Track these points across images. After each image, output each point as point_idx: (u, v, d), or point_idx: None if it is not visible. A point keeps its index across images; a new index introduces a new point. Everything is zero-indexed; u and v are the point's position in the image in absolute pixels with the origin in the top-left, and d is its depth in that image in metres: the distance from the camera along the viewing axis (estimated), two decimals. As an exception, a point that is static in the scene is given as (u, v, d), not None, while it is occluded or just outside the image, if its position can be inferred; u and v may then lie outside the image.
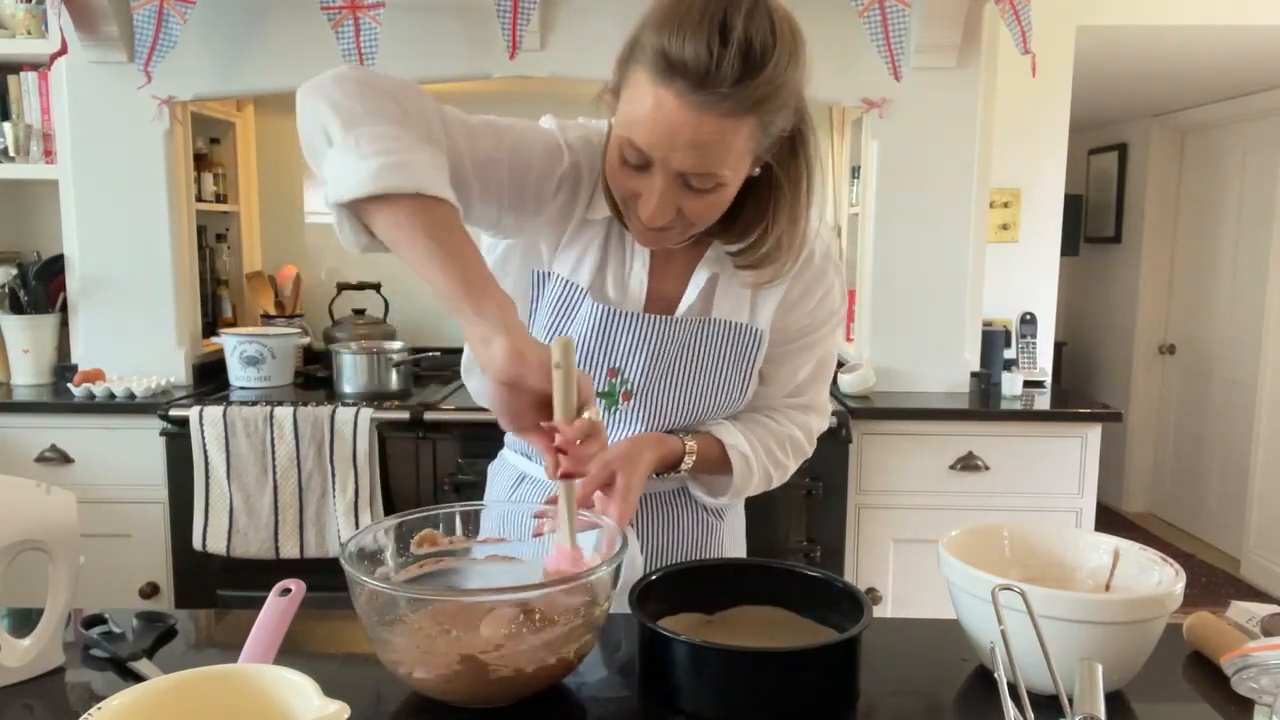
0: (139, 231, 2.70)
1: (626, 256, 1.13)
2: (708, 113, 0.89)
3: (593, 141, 1.10)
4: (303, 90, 0.91)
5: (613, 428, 1.16)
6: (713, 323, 1.14)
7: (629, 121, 0.93)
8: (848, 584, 1.00)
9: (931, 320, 2.78)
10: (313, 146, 0.91)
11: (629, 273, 1.13)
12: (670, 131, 0.91)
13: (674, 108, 0.89)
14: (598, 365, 1.13)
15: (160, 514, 2.52)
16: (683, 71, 0.88)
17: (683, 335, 1.13)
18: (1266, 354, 4.14)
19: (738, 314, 1.15)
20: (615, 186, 1.01)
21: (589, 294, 1.12)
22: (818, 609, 1.01)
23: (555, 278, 1.13)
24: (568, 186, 1.08)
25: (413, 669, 0.88)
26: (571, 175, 1.08)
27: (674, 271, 1.15)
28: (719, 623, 1.02)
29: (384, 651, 0.89)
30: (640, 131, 0.92)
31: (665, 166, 0.94)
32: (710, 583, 1.05)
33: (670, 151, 0.92)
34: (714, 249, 1.12)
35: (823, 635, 0.98)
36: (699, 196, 0.97)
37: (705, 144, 0.91)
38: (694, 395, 1.15)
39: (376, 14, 2.41)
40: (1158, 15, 2.98)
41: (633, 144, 0.94)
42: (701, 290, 1.13)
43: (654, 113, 0.90)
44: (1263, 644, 0.84)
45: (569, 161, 1.07)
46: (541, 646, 0.87)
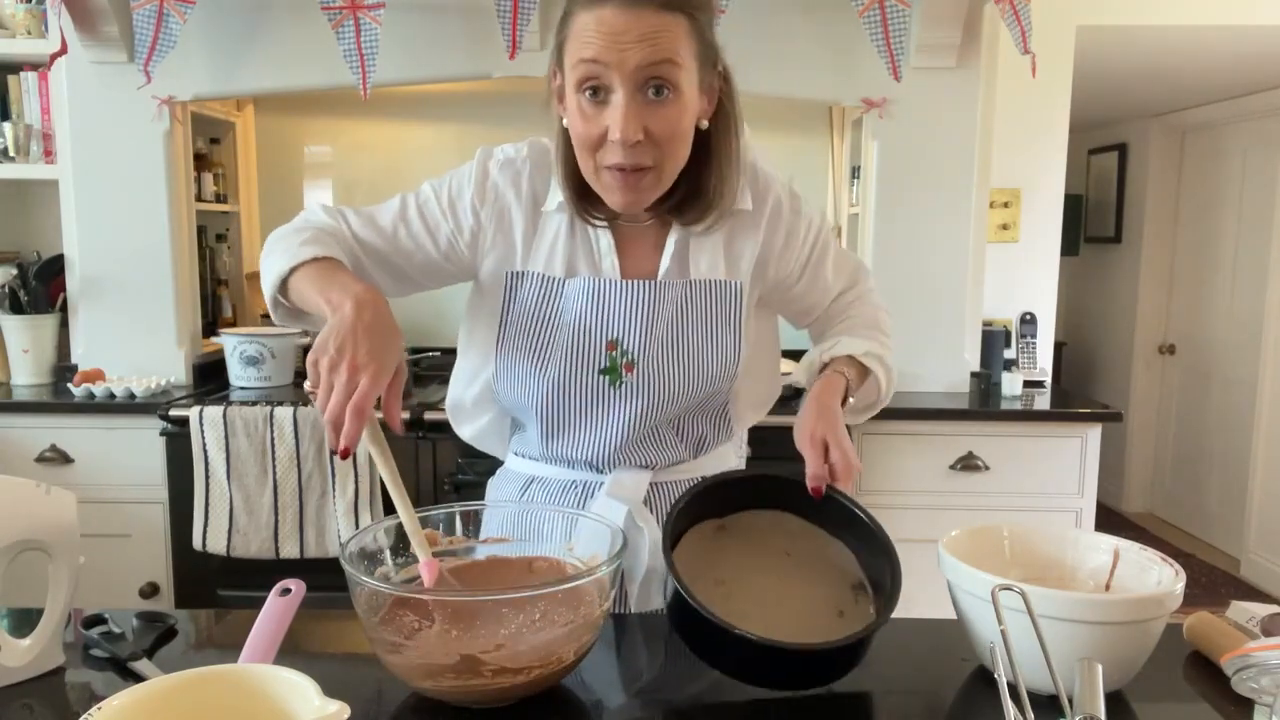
0: (139, 231, 2.70)
1: (591, 240, 1.15)
2: (644, 9, 0.98)
3: (539, 142, 1.18)
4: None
5: (618, 404, 1.16)
6: (694, 284, 1.16)
7: (579, 49, 1.00)
8: (862, 508, 1.05)
9: (931, 320, 2.78)
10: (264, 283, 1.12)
11: (599, 255, 1.15)
12: (616, 34, 0.98)
13: (613, 14, 0.98)
14: (595, 340, 1.14)
15: (160, 514, 2.52)
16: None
17: (669, 298, 1.15)
18: (1266, 354, 4.14)
19: (715, 271, 1.17)
20: (583, 144, 1.04)
21: (568, 280, 1.15)
22: (830, 522, 1.06)
23: (531, 275, 1.16)
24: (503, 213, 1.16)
25: (412, 669, 0.88)
26: (503, 198, 1.15)
27: (643, 252, 1.17)
28: (730, 529, 1.05)
29: (383, 651, 0.89)
30: (589, 47, 0.99)
31: (623, 69, 0.99)
32: (727, 492, 1.08)
33: (622, 53, 0.99)
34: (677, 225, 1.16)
35: (832, 547, 1.05)
36: (661, 111, 1.01)
37: (650, 34, 0.99)
38: (692, 357, 1.16)
39: (376, 14, 2.41)
40: (1158, 15, 2.97)
41: (590, 62, 1.00)
42: (674, 255, 1.15)
43: (598, 26, 0.99)
44: (1263, 644, 0.84)
45: (489, 199, 1.15)
46: (541, 646, 0.87)
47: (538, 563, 1.07)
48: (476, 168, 1.17)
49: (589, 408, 1.16)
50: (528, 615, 0.91)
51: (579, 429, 1.17)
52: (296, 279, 1.05)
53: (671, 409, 1.17)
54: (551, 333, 1.15)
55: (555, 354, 1.14)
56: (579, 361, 1.14)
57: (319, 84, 2.68)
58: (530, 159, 1.16)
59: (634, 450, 1.18)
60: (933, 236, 2.75)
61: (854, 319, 1.29)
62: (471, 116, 3.11)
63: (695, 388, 1.17)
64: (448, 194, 1.17)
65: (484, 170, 1.16)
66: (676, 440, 1.20)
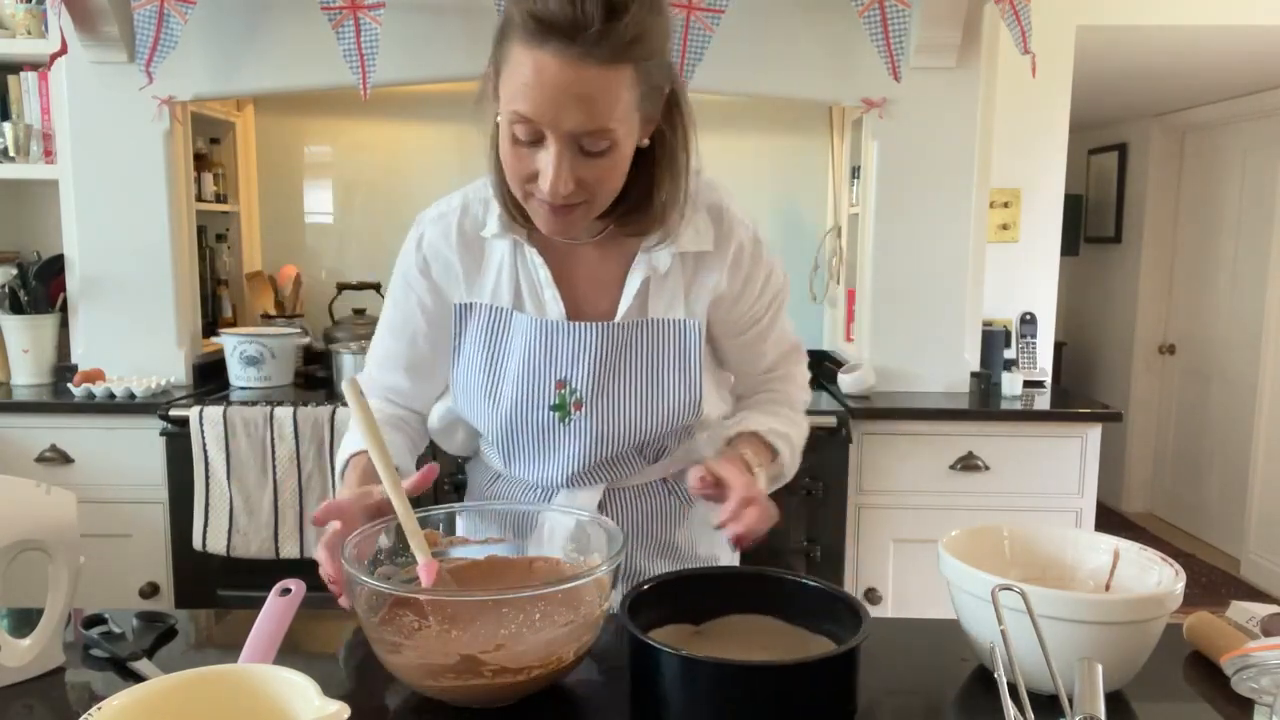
0: (139, 231, 2.70)
1: (531, 271, 1.14)
2: (585, 63, 0.91)
3: (475, 184, 1.17)
4: None
5: (570, 438, 1.15)
6: (650, 323, 1.15)
7: (513, 95, 0.95)
8: (841, 591, 0.98)
9: (931, 320, 2.78)
10: None
11: (539, 287, 1.14)
12: (554, 90, 0.92)
13: (553, 66, 0.91)
14: (543, 379, 1.13)
15: (160, 514, 2.52)
16: (553, 28, 0.90)
17: (622, 338, 1.13)
18: (1266, 354, 4.14)
19: (673, 310, 1.15)
20: (513, 175, 1.01)
21: (515, 311, 1.14)
22: (811, 617, 0.99)
23: (479, 306, 1.16)
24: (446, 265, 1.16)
25: (413, 669, 0.88)
26: (440, 254, 1.16)
27: (593, 279, 1.15)
28: (707, 633, 1.00)
29: (384, 651, 0.89)
30: (526, 100, 0.93)
31: (557, 130, 0.94)
32: (699, 592, 1.02)
33: (559, 111, 0.93)
34: (640, 255, 1.13)
35: (814, 644, 0.97)
36: (595, 161, 0.97)
37: (590, 96, 0.93)
38: (647, 397, 1.15)
39: (376, 14, 2.41)
40: (1158, 15, 2.97)
41: (522, 116, 0.94)
42: (636, 294, 1.13)
43: (536, 76, 0.92)
44: (1263, 644, 0.84)
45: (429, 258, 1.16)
46: (541, 646, 0.87)
47: (538, 563, 1.07)
48: (412, 237, 1.18)
49: (541, 441, 1.16)
50: (528, 615, 0.91)
51: (533, 458, 1.18)
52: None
53: (629, 444, 1.16)
54: (502, 367, 1.14)
55: (506, 389, 1.14)
56: (529, 397, 1.13)
57: (319, 84, 2.68)
58: (462, 205, 1.16)
59: (589, 473, 1.18)
60: (933, 236, 2.75)
61: (772, 394, 1.27)
62: (471, 116, 3.09)
63: (652, 426, 1.16)
64: (401, 277, 1.20)
65: (418, 235, 1.18)
66: (635, 457, 1.20)
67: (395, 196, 3.17)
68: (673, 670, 0.85)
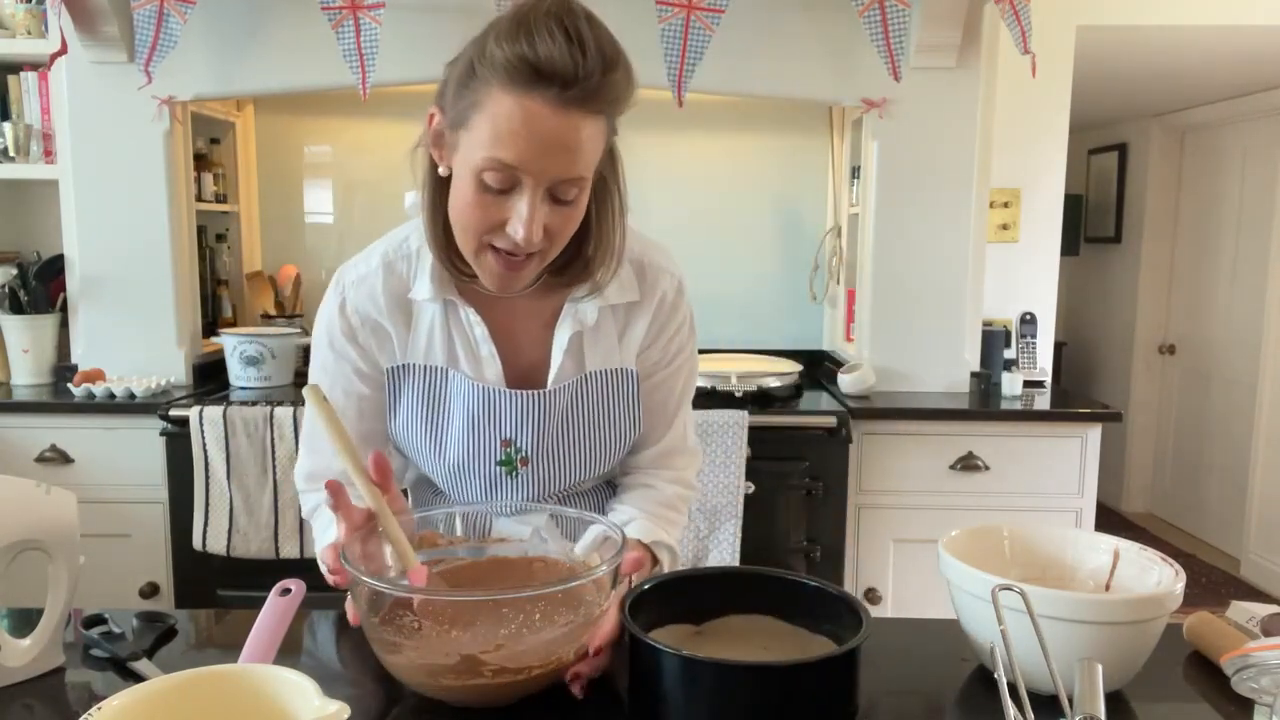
0: (139, 231, 2.70)
1: (466, 329, 1.12)
2: (574, 112, 0.91)
3: (389, 239, 1.14)
4: None
5: (516, 491, 1.16)
6: (589, 377, 1.14)
7: (491, 141, 0.91)
8: (841, 591, 0.98)
9: (931, 320, 2.78)
10: None
11: (475, 344, 1.12)
12: (542, 138, 0.91)
13: (544, 114, 0.90)
14: (488, 439, 1.13)
15: (160, 514, 2.52)
16: (551, 75, 0.88)
17: (563, 401, 1.13)
18: (1266, 354, 4.14)
19: (609, 361, 1.15)
20: (475, 225, 0.97)
21: (454, 373, 1.12)
22: (811, 617, 0.99)
23: (413, 368, 1.13)
24: (376, 328, 1.12)
25: (413, 669, 0.88)
26: (368, 318, 1.12)
27: (524, 333, 1.14)
28: (708, 634, 1.00)
29: (384, 651, 0.89)
30: (509, 146, 0.91)
31: (537, 179, 0.93)
32: (699, 592, 1.03)
33: (544, 159, 0.92)
34: (569, 305, 1.11)
35: (815, 644, 0.97)
36: (561, 210, 0.97)
37: (575, 145, 0.92)
38: (589, 446, 1.16)
39: (376, 14, 2.41)
40: (1158, 15, 2.97)
41: (501, 163, 0.92)
42: (568, 351, 1.12)
43: (525, 124, 0.90)
44: (1263, 644, 0.84)
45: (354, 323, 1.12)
46: (541, 646, 0.87)
47: (537, 563, 1.07)
48: (333, 300, 1.13)
49: (489, 488, 1.16)
50: (528, 616, 0.91)
51: (481, 497, 1.18)
52: None
53: (575, 484, 1.19)
54: (445, 424, 1.13)
55: (452, 447, 1.13)
56: (475, 454, 1.13)
57: (319, 84, 2.68)
58: (383, 264, 1.12)
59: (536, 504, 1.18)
60: (933, 236, 2.75)
61: (659, 492, 1.22)
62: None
63: (593, 469, 1.18)
64: (328, 346, 1.14)
65: (340, 299, 1.13)
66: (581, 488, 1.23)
67: (395, 196, 3.13)
68: (673, 670, 0.85)
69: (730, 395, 2.59)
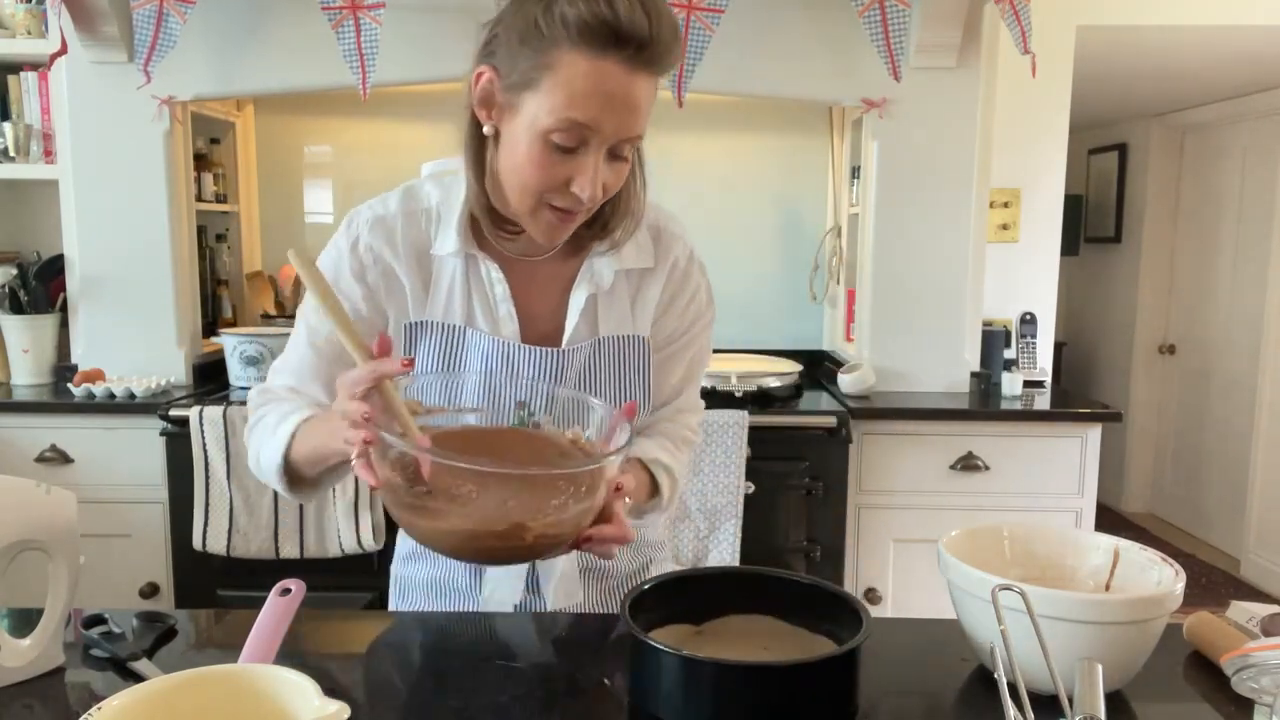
0: (139, 231, 2.70)
1: (486, 287, 1.12)
2: (641, 73, 0.94)
3: (408, 188, 1.13)
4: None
5: None
6: (602, 342, 1.14)
7: (565, 102, 0.93)
8: (842, 590, 0.99)
9: (931, 320, 2.78)
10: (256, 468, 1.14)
11: (495, 304, 1.12)
12: (615, 101, 0.94)
13: (617, 74, 0.93)
14: (504, 399, 1.11)
15: (160, 514, 2.52)
16: (627, 38, 0.91)
17: (577, 363, 1.13)
18: (1266, 354, 4.14)
19: (623, 327, 1.15)
20: (539, 183, 0.98)
21: (471, 331, 1.12)
22: (811, 617, 0.99)
23: (431, 324, 1.12)
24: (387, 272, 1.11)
25: (456, 533, 0.89)
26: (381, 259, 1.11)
27: (541, 295, 1.14)
28: (708, 634, 1.00)
29: (416, 516, 0.90)
30: (583, 107, 0.93)
31: (602, 138, 0.95)
32: (699, 592, 1.03)
33: (613, 118, 0.94)
34: (585, 269, 1.13)
35: (815, 644, 0.97)
36: (616, 165, 1.00)
37: (640, 106, 0.96)
38: None
39: (376, 14, 2.41)
40: (1158, 15, 2.98)
41: (575, 124, 0.94)
42: (583, 313, 1.13)
43: (599, 84, 0.92)
44: (1263, 644, 0.84)
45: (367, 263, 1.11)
46: (574, 518, 0.92)
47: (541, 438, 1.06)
48: (344, 237, 1.12)
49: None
50: (575, 489, 0.93)
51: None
52: (296, 460, 1.05)
53: None
54: (460, 383, 1.12)
55: (466, 405, 1.12)
56: (489, 415, 1.12)
57: (319, 84, 2.68)
58: (402, 212, 1.12)
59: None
60: (933, 236, 2.75)
61: (659, 429, 1.23)
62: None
63: None
64: (328, 278, 1.10)
65: (353, 237, 1.12)
66: None
67: (395, 196, 3.16)
68: (673, 670, 0.86)
69: (730, 395, 2.59)
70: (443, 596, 1.22)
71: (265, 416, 1.11)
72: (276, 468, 1.06)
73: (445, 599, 1.22)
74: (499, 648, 1.07)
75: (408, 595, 1.25)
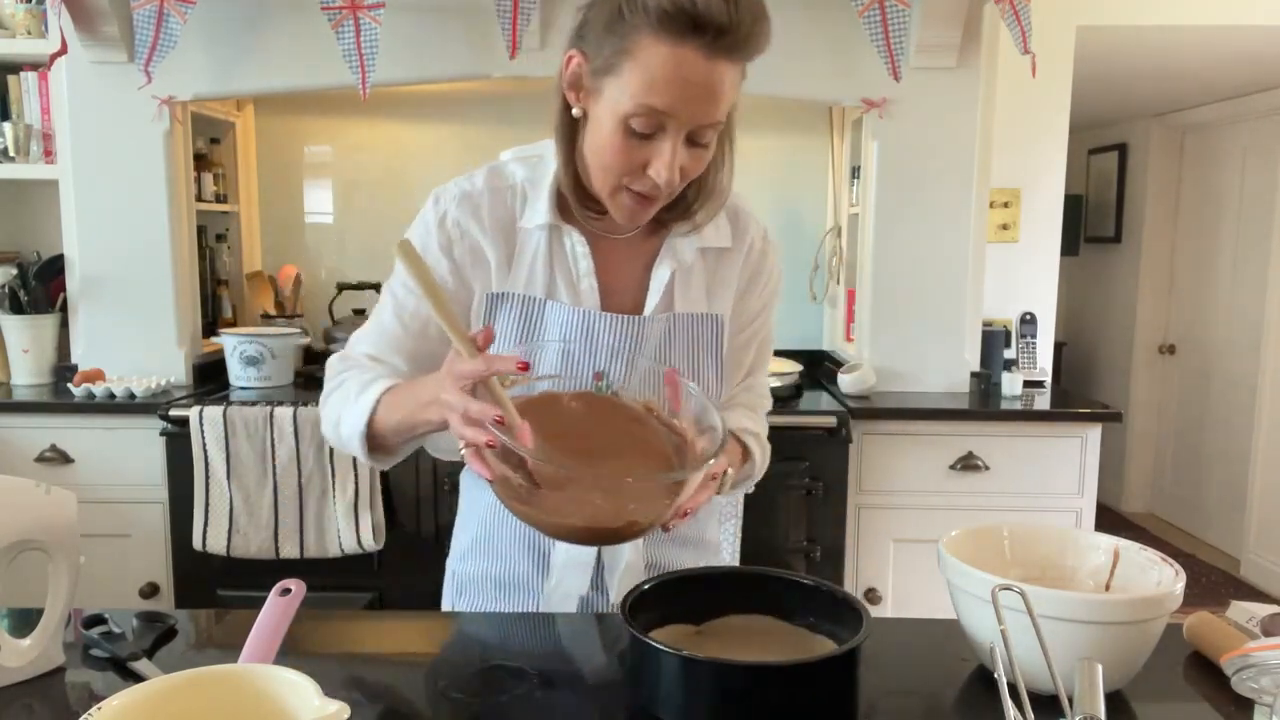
0: (139, 231, 2.70)
1: (570, 261, 1.13)
2: (722, 61, 0.94)
3: (494, 166, 1.15)
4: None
5: None
6: (678, 318, 1.15)
7: (643, 88, 0.94)
8: (842, 590, 0.99)
9: (931, 320, 2.78)
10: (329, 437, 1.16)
11: (578, 277, 1.13)
12: (693, 86, 0.94)
13: (697, 62, 0.93)
14: (582, 370, 1.13)
15: (160, 514, 2.52)
16: (706, 25, 0.91)
17: (655, 334, 1.14)
18: (1266, 354, 4.14)
19: (697, 305, 1.17)
20: (616, 167, 1.00)
21: (551, 303, 1.13)
22: (811, 617, 0.99)
23: (512, 296, 1.13)
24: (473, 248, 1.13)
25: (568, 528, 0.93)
26: (469, 234, 1.12)
27: (622, 271, 1.15)
28: (708, 634, 1.00)
29: (532, 508, 0.93)
30: (661, 93, 0.94)
31: (681, 124, 0.96)
32: (699, 592, 1.03)
33: (692, 106, 0.95)
34: (666, 246, 1.14)
35: (815, 644, 0.97)
36: (695, 151, 1.00)
37: (720, 93, 0.96)
38: None
39: (376, 14, 2.41)
40: (1158, 15, 2.97)
41: (652, 110, 0.95)
42: (665, 287, 1.14)
43: (677, 71, 0.93)
44: (1263, 644, 0.84)
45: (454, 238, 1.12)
46: (671, 509, 0.95)
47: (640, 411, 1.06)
48: (431, 213, 1.14)
49: None
50: (680, 484, 0.95)
51: None
52: (380, 428, 1.07)
53: None
54: (539, 355, 1.12)
55: (543, 382, 1.12)
56: (567, 386, 1.12)
57: (319, 84, 2.68)
58: (488, 188, 1.14)
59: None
60: (933, 236, 2.75)
61: (737, 400, 1.25)
62: (471, 116, 3.11)
63: None
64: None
65: (440, 212, 1.13)
66: None
67: (395, 196, 3.17)
68: (673, 670, 0.85)
69: (730, 395, 2.58)
70: (503, 591, 1.20)
71: (346, 383, 1.12)
72: (359, 435, 1.07)
73: (507, 594, 1.20)
74: (499, 648, 1.07)
75: (466, 592, 1.24)
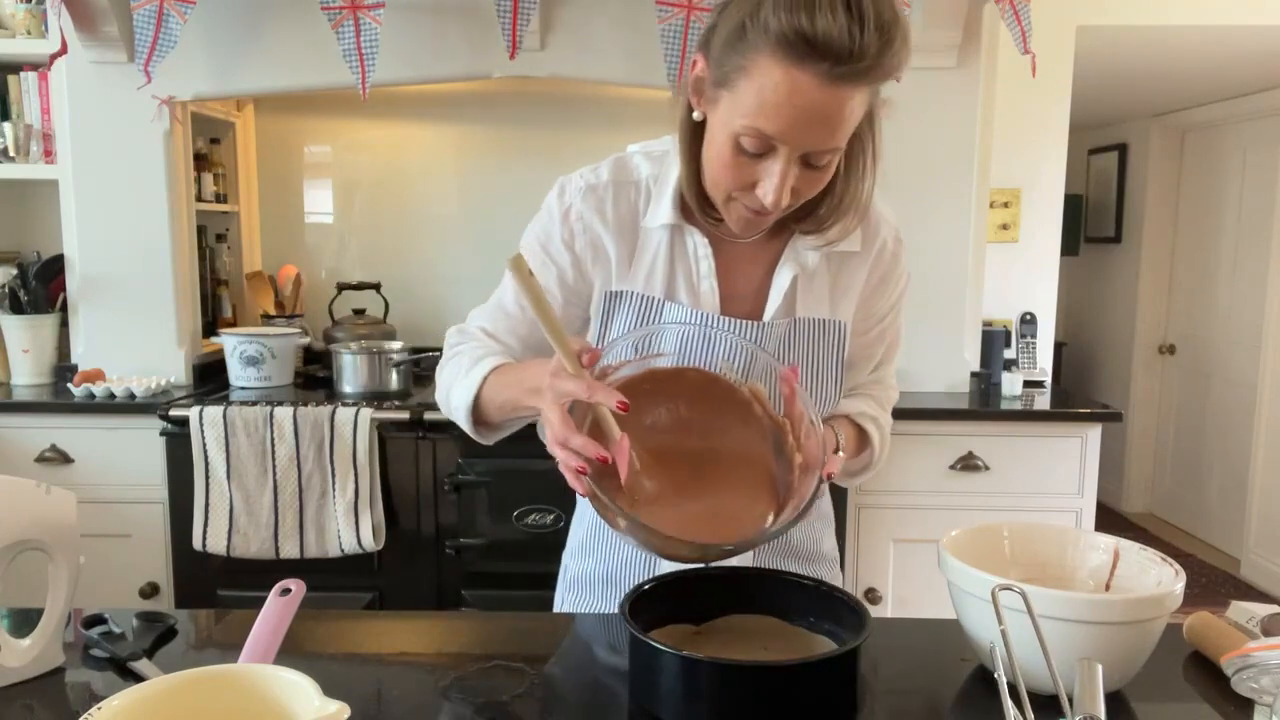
0: (139, 231, 2.70)
1: (691, 261, 1.12)
2: (840, 87, 0.89)
3: (620, 159, 1.13)
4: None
5: None
6: (799, 322, 1.13)
7: (754, 110, 0.92)
8: (842, 590, 0.99)
9: (931, 320, 2.78)
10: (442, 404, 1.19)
11: (698, 278, 1.11)
12: (807, 114, 0.90)
13: (811, 89, 0.89)
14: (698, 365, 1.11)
15: (160, 514, 2.51)
16: (825, 51, 0.87)
17: (775, 339, 1.12)
18: (1266, 354, 4.14)
19: (820, 310, 1.14)
20: (727, 182, 0.99)
21: (668, 303, 1.11)
22: (811, 617, 1.00)
23: (630, 295, 1.12)
24: (595, 242, 1.12)
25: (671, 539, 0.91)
26: (591, 228, 1.11)
27: (743, 274, 1.13)
28: (708, 634, 1.01)
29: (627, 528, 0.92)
30: (772, 118, 0.91)
31: (793, 148, 0.93)
32: (699, 592, 1.03)
33: (804, 132, 0.92)
34: (789, 249, 1.12)
35: (815, 644, 0.97)
36: (811, 173, 0.97)
37: (838, 120, 0.92)
38: None
39: (376, 14, 2.40)
40: (1158, 15, 2.97)
41: (761, 133, 0.92)
42: (785, 292, 1.12)
43: (790, 97, 0.89)
44: (1263, 644, 0.84)
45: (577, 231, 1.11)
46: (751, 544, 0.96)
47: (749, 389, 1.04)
48: (556, 203, 1.13)
49: None
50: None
51: None
52: (485, 404, 1.08)
53: None
54: (655, 354, 1.10)
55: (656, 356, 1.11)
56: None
57: (319, 84, 2.68)
58: (613, 183, 1.12)
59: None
60: (933, 236, 2.74)
61: (862, 390, 1.24)
62: (471, 116, 3.11)
63: None
64: (540, 247, 1.13)
65: (565, 204, 1.12)
66: None
67: (395, 196, 3.17)
68: (673, 670, 0.86)
69: (730, 395, 2.58)
70: (613, 589, 1.20)
71: (460, 355, 1.14)
72: (466, 408, 1.09)
73: (617, 593, 1.20)
74: (500, 648, 1.07)
75: (576, 588, 1.24)
